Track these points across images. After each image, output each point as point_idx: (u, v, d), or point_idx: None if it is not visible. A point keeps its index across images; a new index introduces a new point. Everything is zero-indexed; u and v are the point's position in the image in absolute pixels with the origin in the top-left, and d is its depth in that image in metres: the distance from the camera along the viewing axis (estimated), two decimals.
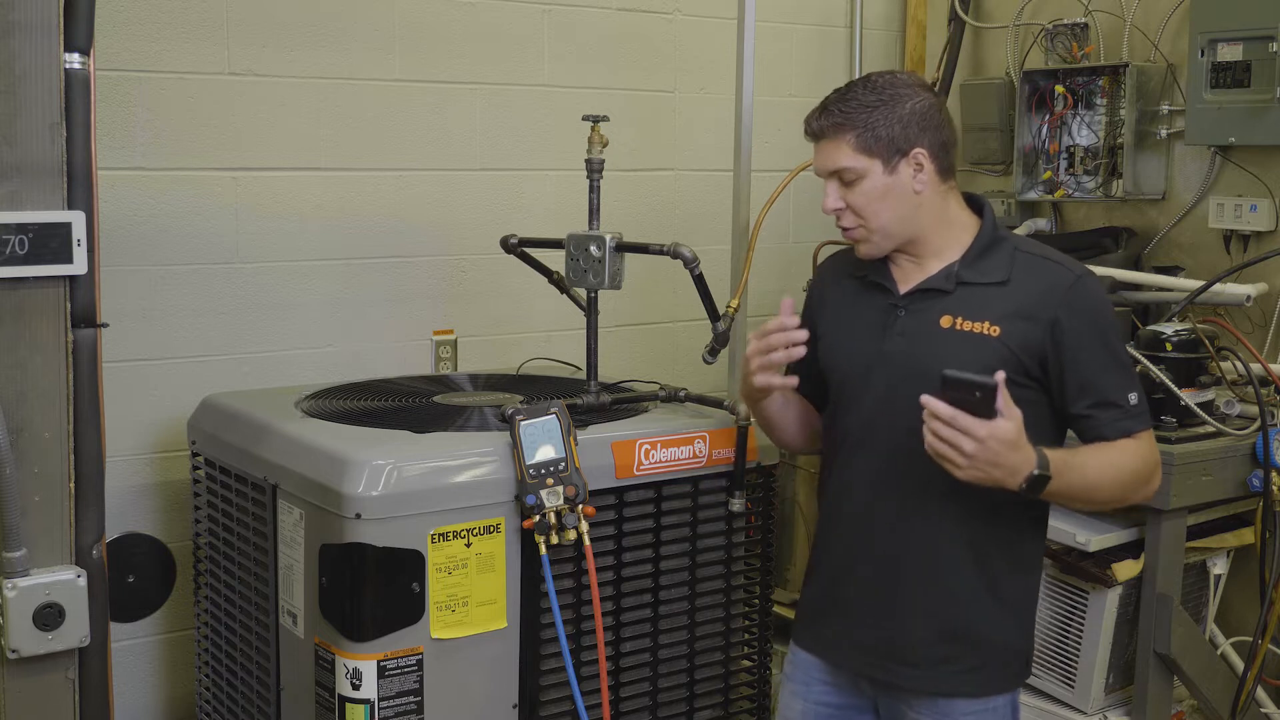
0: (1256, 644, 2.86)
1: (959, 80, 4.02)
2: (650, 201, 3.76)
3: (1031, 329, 2.15)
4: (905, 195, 2.19)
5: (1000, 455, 1.98)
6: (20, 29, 2.07)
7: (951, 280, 2.21)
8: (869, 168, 2.17)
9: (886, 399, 2.21)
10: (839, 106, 2.18)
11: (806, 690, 2.35)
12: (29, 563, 2.14)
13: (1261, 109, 3.18)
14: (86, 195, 2.15)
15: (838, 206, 2.21)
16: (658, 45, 3.74)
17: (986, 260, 2.21)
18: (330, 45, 3.21)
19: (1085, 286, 2.18)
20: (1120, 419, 2.16)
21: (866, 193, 2.18)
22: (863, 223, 2.20)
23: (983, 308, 2.17)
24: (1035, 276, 2.19)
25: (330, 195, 3.25)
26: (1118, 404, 2.16)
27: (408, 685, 2.30)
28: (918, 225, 2.21)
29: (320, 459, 2.36)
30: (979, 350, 2.14)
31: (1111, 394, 2.16)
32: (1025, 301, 2.16)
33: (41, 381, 2.14)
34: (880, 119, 2.16)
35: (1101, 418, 2.16)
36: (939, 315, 2.19)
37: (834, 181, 2.21)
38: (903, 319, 2.22)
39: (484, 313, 3.49)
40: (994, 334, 2.15)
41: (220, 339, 3.13)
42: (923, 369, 2.13)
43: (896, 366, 2.21)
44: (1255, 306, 3.26)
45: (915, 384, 2.10)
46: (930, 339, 2.19)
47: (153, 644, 3.12)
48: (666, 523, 2.58)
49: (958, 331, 2.17)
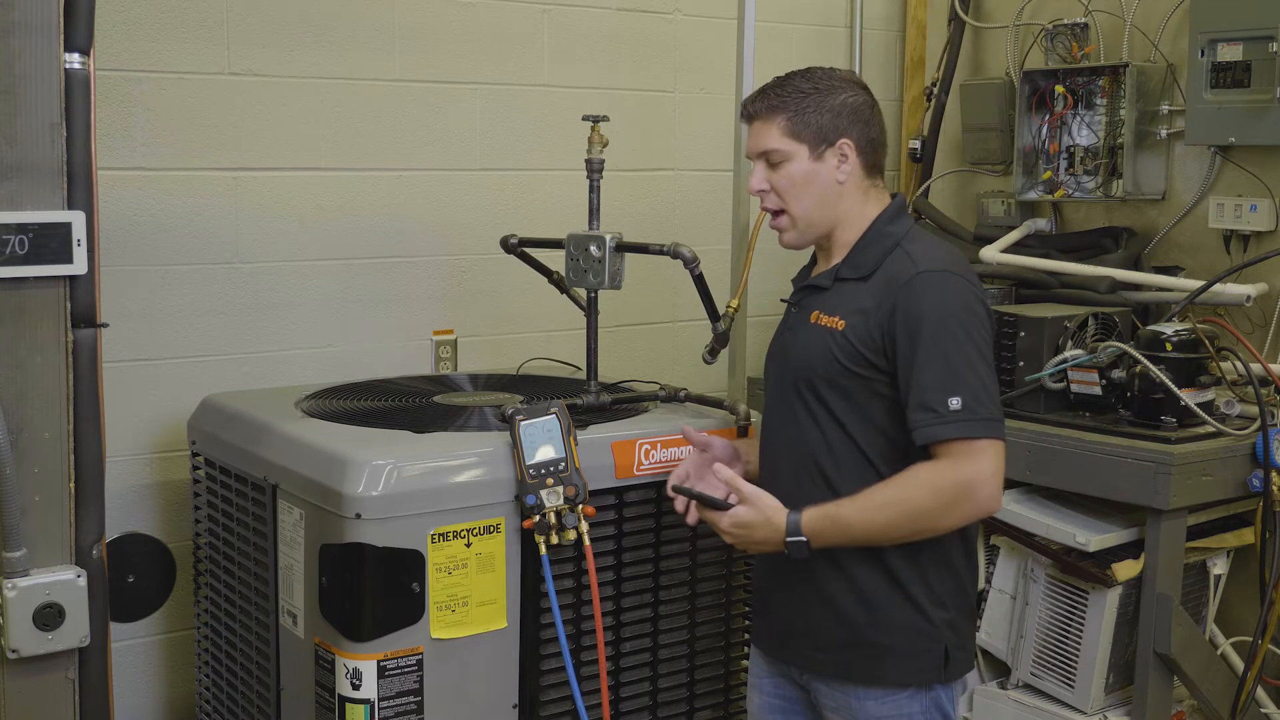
0: (1256, 644, 2.86)
1: (959, 80, 4.01)
2: (650, 201, 3.76)
3: (870, 322, 2.16)
4: (828, 184, 2.24)
5: (749, 535, 2.21)
6: (20, 29, 2.07)
7: (830, 277, 2.27)
8: (795, 151, 2.23)
9: (775, 397, 2.33)
10: (775, 91, 2.27)
11: (760, 683, 2.42)
12: (29, 563, 2.14)
13: (1261, 109, 3.18)
14: (86, 195, 2.15)
15: (762, 188, 2.28)
16: (658, 45, 3.74)
17: (861, 255, 2.25)
18: (330, 45, 3.21)
19: (926, 280, 2.12)
20: (932, 423, 2.07)
21: (790, 176, 2.24)
22: (784, 206, 2.26)
23: (840, 303, 2.23)
24: (890, 271, 2.19)
25: (330, 195, 3.25)
26: (932, 408, 2.07)
27: (408, 685, 2.30)
28: (835, 217, 2.26)
29: (320, 459, 2.36)
30: (824, 343, 2.21)
31: (927, 395, 2.07)
32: (872, 295, 2.19)
33: (41, 381, 2.14)
34: (811, 106, 2.23)
35: (914, 419, 2.09)
36: (811, 311, 2.27)
37: (761, 163, 2.27)
38: (793, 315, 2.32)
39: (484, 313, 3.49)
40: (839, 327, 2.20)
41: (220, 339, 3.13)
42: (794, 364, 2.26)
43: (781, 362, 2.32)
44: (1255, 306, 3.26)
45: (791, 381, 2.25)
46: (801, 335, 2.27)
47: (153, 644, 3.12)
48: (666, 523, 2.58)
49: (815, 326, 2.24)
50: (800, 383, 2.23)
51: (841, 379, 2.18)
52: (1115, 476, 2.79)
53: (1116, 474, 2.79)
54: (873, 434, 2.18)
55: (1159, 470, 2.73)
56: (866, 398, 2.17)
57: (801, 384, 2.23)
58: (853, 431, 2.18)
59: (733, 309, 2.78)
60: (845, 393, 2.18)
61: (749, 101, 2.31)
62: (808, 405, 2.22)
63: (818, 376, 2.20)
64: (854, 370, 2.16)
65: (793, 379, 2.25)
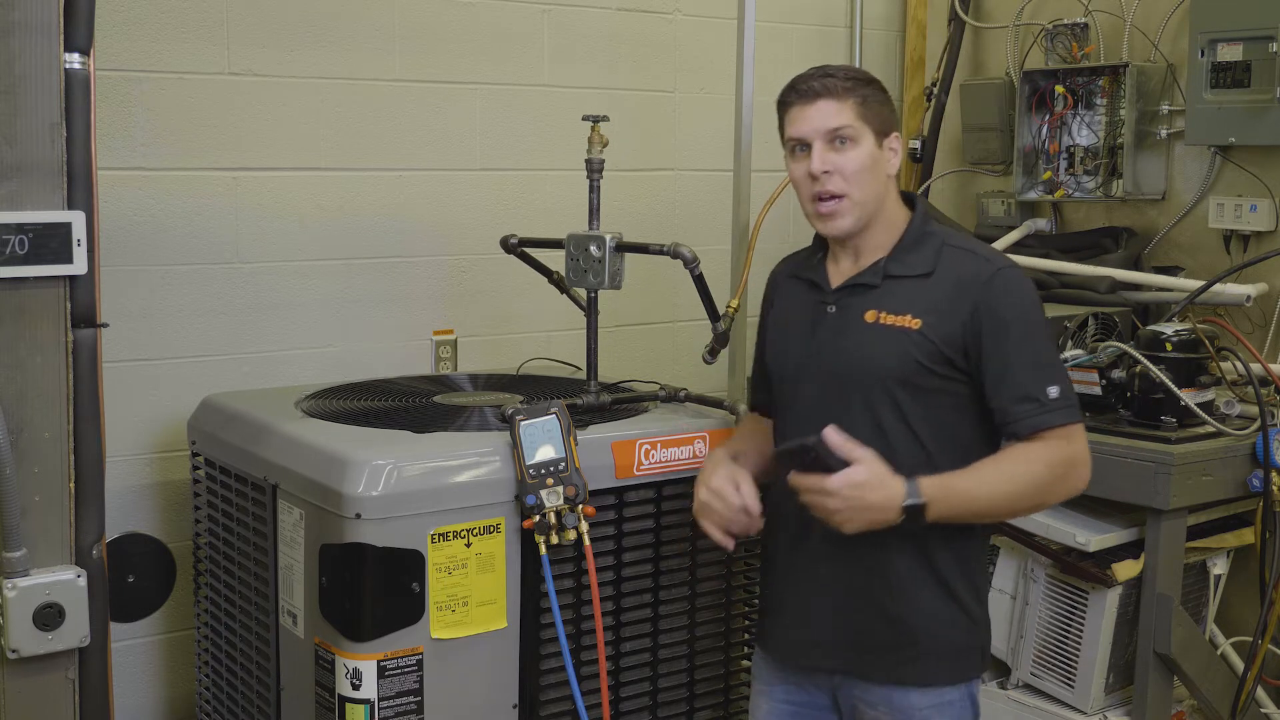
0: (1256, 644, 2.86)
1: (959, 80, 4.02)
2: (650, 201, 3.76)
3: (951, 321, 2.16)
4: (881, 175, 2.22)
5: (862, 498, 2.05)
6: (20, 29, 2.07)
7: (879, 274, 2.22)
8: (865, 134, 2.19)
9: (818, 398, 2.23)
10: (842, 73, 2.20)
11: (770, 690, 2.37)
12: (29, 563, 2.14)
13: (1261, 109, 3.18)
14: (86, 195, 2.15)
15: (826, 169, 2.17)
16: (658, 45, 3.74)
17: (913, 253, 2.22)
18: (330, 45, 3.21)
19: (1004, 278, 2.17)
20: (1036, 413, 2.13)
21: (858, 159, 2.18)
22: (847, 190, 2.18)
23: (906, 301, 2.19)
24: (957, 268, 2.19)
25: (330, 195, 3.25)
26: (1035, 398, 2.13)
27: (408, 685, 2.30)
28: (880, 209, 2.23)
29: (320, 459, 2.36)
30: (900, 343, 2.16)
31: (1028, 387, 2.14)
32: (946, 293, 2.18)
33: (41, 381, 2.14)
34: (874, 95, 2.21)
35: (1016, 412, 2.14)
36: (863, 310, 2.21)
37: (820, 144, 2.18)
38: (831, 316, 2.24)
39: (484, 313, 3.49)
40: (915, 326, 2.17)
41: (220, 339, 3.13)
42: (847, 366, 2.19)
43: (824, 365, 2.23)
44: (1255, 306, 3.26)
45: (842, 382, 2.18)
46: (854, 335, 2.21)
47: (153, 644, 3.12)
48: (666, 523, 2.58)
49: (880, 326, 2.19)
50: (862, 384, 2.18)
51: (918, 378, 2.16)
52: (1115, 476, 2.79)
53: (1116, 474, 2.79)
54: (936, 431, 2.16)
55: (1159, 470, 2.73)
56: (938, 395, 2.17)
57: (865, 385, 2.17)
58: (918, 429, 2.16)
59: (733, 309, 2.78)
60: (919, 391, 2.16)
61: (810, 80, 2.20)
62: (871, 406, 2.17)
63: (891, 377, 2.16)
64: (932, 369, 2.15)
65: (855, 381, 2.18)
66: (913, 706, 2.21)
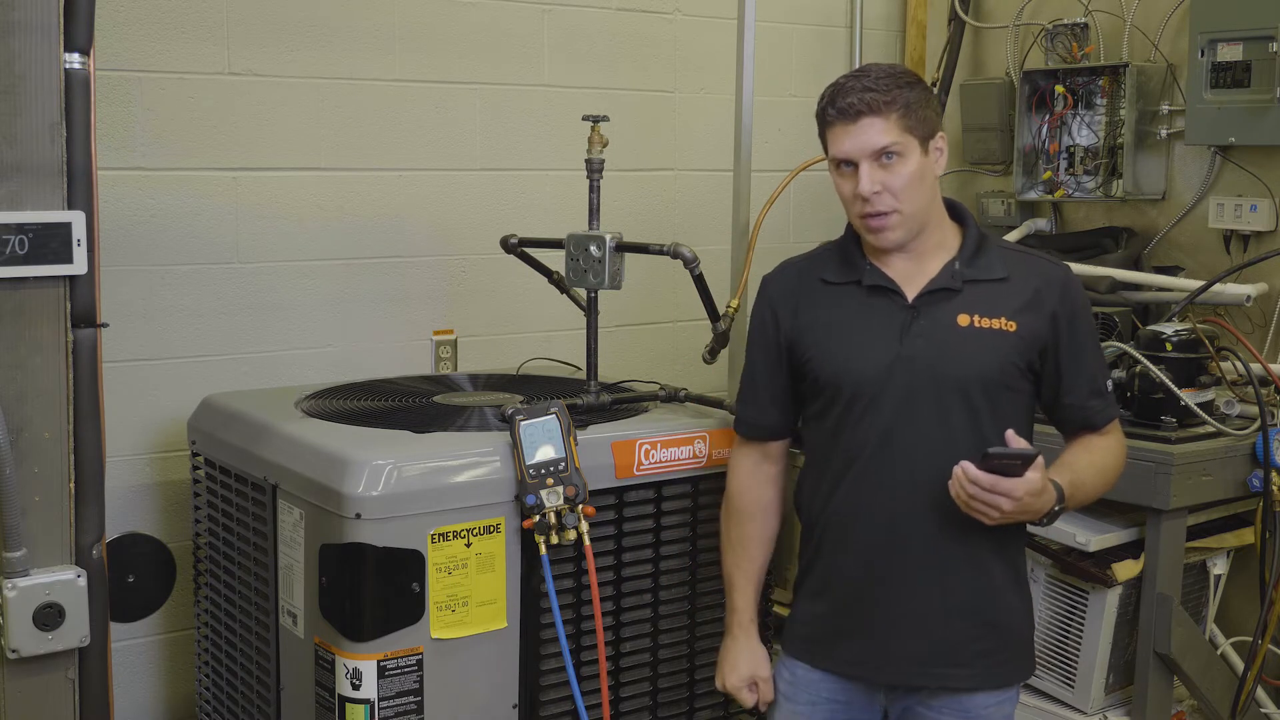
0: (1256, 644, 2.85)
1: (959, 80, 4.02)
2: (650, 201, 3.76)
3: (1037, 322, 2.19)
4: (931, 180, 2.18)
5: (1033, 503, 2.09)
6: (20, 29, 2.07)
7: (958, 279, 2.20)
8: (910, 147, 2.12)
9: (906, 403, 2.17)
10: (880, 84, 2.10)
11: (812, 710, 2.30)
12: (29, 563, 2.14)
13: (1261, 109, 3.18)
14: (86, 195, 2.15)
15: (875, 190, 2.11)
16: (658, 45, 3.74)
17: (982, 258, 2.23)
18: (330, 45, 3.21)
19: (1073, 280, 2.27)
20: (1108, 406, 2.29)
21: (906, 174, 2.12)
22: (898, 206, 2.13)
23: (992, 305, 2.18)
24: (1028, 272, 2.23)
25: (330, 195, 3.25)
26: (1103, 393, 2.28)
27: (408, 685, 2.30)
28: (929, 214, 2.20)
29: (320, 459, 2.36)
30: (998, 346, 2.16)
31: (1098, 383, 2.27)
32: (1027, 296, 2.20)
33: (41, 381, 2.14)
34: (917, 98, 2.13)
35: (1094, 406, 2.26)
36: (954, 314, 2.18)
37: (867, 162, 2.11)
38: (920, 321, 2.18)
39: (484, 313, 3.49)
40: (1011, 329, 2.17)
41: (220, 339, 3.13)
42: (943, 370, 2.16)
43: (918, 369, 2.17)
44: (1255, 306, 3.26)
45: (936, 386, 2.16)
46: (950, 338, 2.17)
47: (153, 644, 3.12)
48: (666, 523, 2.58)
49: (976, 329, 2.17)
50: (959, 388, 2.15)
51: (1013, 379, 2.18)
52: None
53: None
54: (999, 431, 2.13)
55: (1159, 470, 2.73)
56: (1013, 395, 2.21)
57: (962, 389, 2.15)
58: (986, 430, 2.15)
59: (733, 309, 2.78)
60: (1002, 392, 2.18)
61: (850, 95, 2.10)
62: (971, 409, 2.15)
63: (989, 380, 2.15)
64: (1023, 369, 2.19)
65: (951, 384, 2.15)
66: (978, 706, 2.22)
